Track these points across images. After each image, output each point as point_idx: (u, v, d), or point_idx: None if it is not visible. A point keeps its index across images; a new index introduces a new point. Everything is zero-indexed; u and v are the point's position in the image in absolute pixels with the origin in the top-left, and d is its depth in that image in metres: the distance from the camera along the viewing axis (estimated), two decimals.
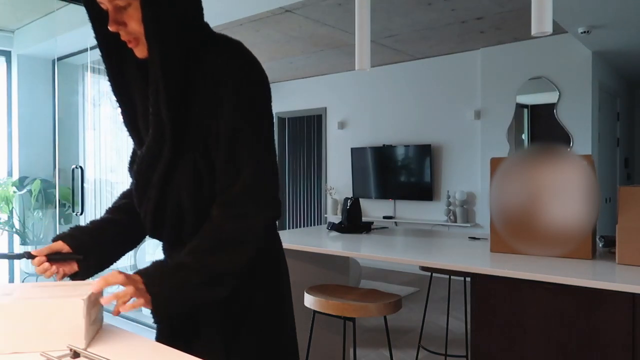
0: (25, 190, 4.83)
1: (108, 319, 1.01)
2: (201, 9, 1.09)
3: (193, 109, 1.04)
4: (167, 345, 0.92)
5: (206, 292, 1.00)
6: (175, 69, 1.01)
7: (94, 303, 0.95)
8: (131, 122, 1.14)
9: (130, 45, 1.04)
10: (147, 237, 1.24)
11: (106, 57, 1.11)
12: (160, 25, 0.99)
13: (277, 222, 1.20)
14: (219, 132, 1.03)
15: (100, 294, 0.97)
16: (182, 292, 0.98)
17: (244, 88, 1.03)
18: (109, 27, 1.01)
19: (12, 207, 4.86)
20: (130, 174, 1.22)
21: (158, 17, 0.99)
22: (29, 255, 1.09)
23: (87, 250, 1.14)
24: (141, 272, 0.98)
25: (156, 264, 1.02)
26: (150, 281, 0.96)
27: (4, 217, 4.84)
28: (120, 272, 0.95)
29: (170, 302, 0.97)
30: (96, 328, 0.97)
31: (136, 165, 1.11)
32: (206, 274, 0.99)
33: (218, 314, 1.09)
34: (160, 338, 1.17)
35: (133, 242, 1.25)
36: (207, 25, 1.12)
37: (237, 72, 1.03)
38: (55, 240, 1.14)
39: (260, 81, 1.07)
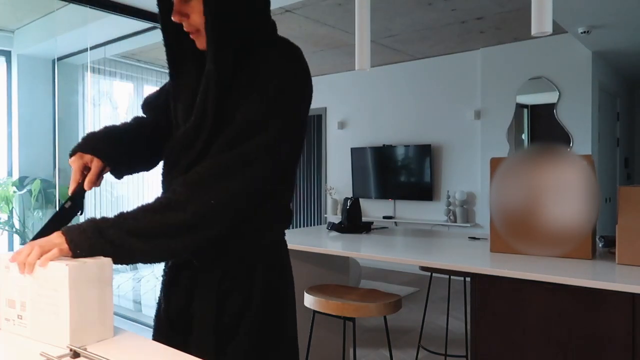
0: (25, 190, 4.83)
1: None
2: (269, 8, 1.11)
3: (235, 105, 1.04)
4: (164, 341, 0.91)
5: (128, 241, 0.92)
6: (228, 66, 1.02)
7: (98, 293, 0.89)
8: (174, 94, 1.15)
9: (192, 37, 1.07)
10: None
11: (169, 44, 1.13)
12: (218, 20, 1.00)
13: (284, 228, 1.19)
14: (235, 114, 1.01)
15: (108, 289, 0.91)
16: (103, 234, 0.91)
17: (277, 84, 1.01)
18: (172, 18, 1.03)
19: (12, 207, 4.86)
20: (145, 111, 1.27)
21: (217, 13, 1.00)
22: (66, 205, 1.06)
23: (109, 157, 1.13)
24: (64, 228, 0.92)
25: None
26: (70, 228, 0.91)
27: (4, 217, 4.84)
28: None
29: (89, 239, 0.89)
30: (96, 330, 0.90)
31: (168, 147, 1.12)
32: (135, 224, 0.93)
33: (213, 313, 1.08)
34: (156, 334, 1.16)
35: (154, 150, 1.22)
36: (273, 23, 1.13)
37: (282, 73, 1.02)
38: (74, 153, 1.11)
39: (302, 91, 1.06)
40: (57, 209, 1.06)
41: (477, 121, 5.72)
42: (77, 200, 1.08)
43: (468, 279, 2.40)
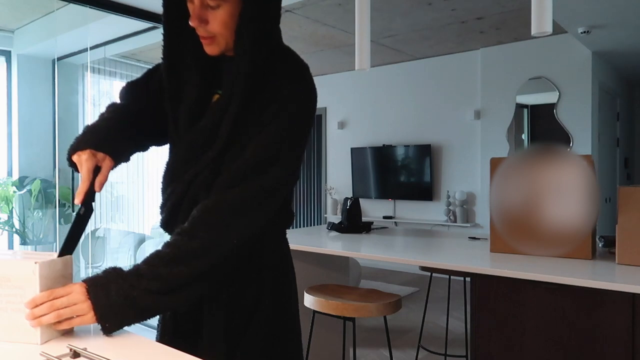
0: (25, 190, 4.83)
1: None
2: (280, 14, 1.12)
3: (250, 109, 1.05)
4: (170, 345, 0.90)
5: (160, 301, 0.93)
6: (254, 76, 1.04)
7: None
8: (173, 98, 1.14)
9: (204, 42, 1.06)
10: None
11: (168, 41, 1.12)
12: (253, 31, 1.02)
13: (285, 229, 1.21)
14: (250, 139, 1.03)
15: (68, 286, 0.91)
16: (129, 301, 0.90)
17: (291, 115, 1.04)
18: (190, 22, 1.03)
19: (12, 207, 4.86)
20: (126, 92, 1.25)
21: (254, 23, 1.02)
22: (81, 210, 1.02)
23: (112, 149, 1.11)
24: (87, 282, 0.90)
25: (108, 271, 0.93)
26: (96, 293, 0.89)
27: (4, 217, 4.84)
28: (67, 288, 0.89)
29: (118, 312, 0.89)
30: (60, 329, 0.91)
31: (179, 151, 1.11)
32: (158, 284, 0.92)
33: (222, 317, 1.08)
34: (162, 338, 1.16)
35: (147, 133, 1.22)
36: (279, 31, 1.15)
37: (295, 99, 1.05)
38: (74, 152, 1.08)
39: (313, 113, 1.09)
40: (74, 217, 1.01)
41: (477, 121, 5.72)
42: (89, 204, 1.02)
43: (468, 279, 2.40)
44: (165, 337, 1.15)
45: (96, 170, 1.05)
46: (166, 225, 1.14)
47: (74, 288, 0.89)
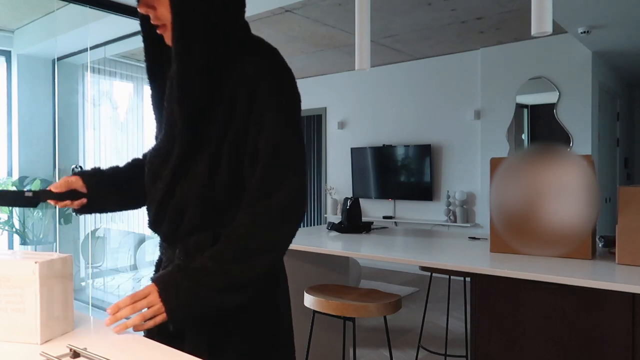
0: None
1: (106, 317, 1.01)
2: (243, 6, 1.07)
3: (216, 110, 1.02)
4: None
5: (225, 299, 0.98)
6: (196, 64, 0.99)
7: (61, 292, 0.93)
8: (156, 104, 1.14)
9: (159, 31, 1.04)
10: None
11: (147, 42, 1.11)
12: (187, 15, 0.96)
13: None
14: (257, 144, 1.00)
15: (70, 282, 0.95)
16: (200, 299, 0.96)
17: (286, 104, 1.03)
18: (138, 8, 1.01)
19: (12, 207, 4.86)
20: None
21: (187, 7, 0.96)
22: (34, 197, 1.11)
23: (92, 195, 1.18)
24: (158, 284, 0.97)
25: (172, 272, 0.99)
26: (167, 294, 0.95)
27: (4, 217, 4.84)
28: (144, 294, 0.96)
29: (189, 312, 0.97)
30: (61, 324, 0.93)
31: (149, 156, 1.12)
32: (227, 281, 0.98)
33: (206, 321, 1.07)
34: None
35: (135, 203, 1.26)
36: (246, 25, 1.09)
37: (277, 84, 1.01)
38: (76, 174, 1.18)
39: (298, 97, 1.07)
40: (18, 190, 1.11)
41: (477, 121, 5.72)
42: (37, 198, 1.11)
43: (468, 279, 2.40)
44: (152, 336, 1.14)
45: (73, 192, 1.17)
46: (154, 224, 1.14)
47: (150, 289, 0.96)
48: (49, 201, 1.12)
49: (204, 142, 1.03)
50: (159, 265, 1.20)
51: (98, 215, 5.13)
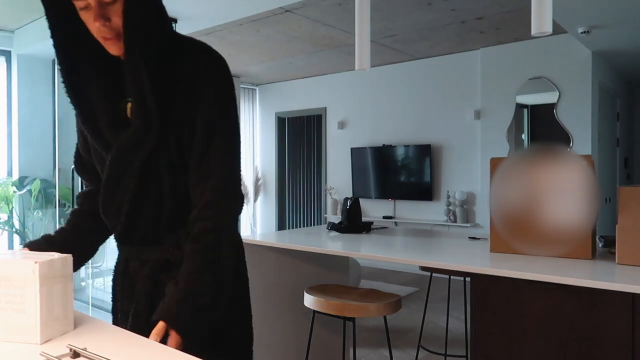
0: (25, 190, 4.83)
1: (106, 317, 1.01)
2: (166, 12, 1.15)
3: (173, 101, 1.08)
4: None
5: (218, 303, 1.07)
6: (156, 60, 1.07)
7: (61, 291, 0.93)
8: (88, 119, 1.13)
9: (109, 42, 1.06)
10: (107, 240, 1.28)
11: (63, 55, 1.11)
12: (143, 17, 1.04)
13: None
14: (194, 129, 1.09)
15: (69, 280, 0.96)
16: (204, 317, 1.05)
17: (221, 89, 1.11)
18: (94, 22, 1.02)
19: (12, 207, 4.86)
20: (81, 174, 1.26)
21: (141, 10, 1.04)
22: None
23: None
24: (172, 324, 1.01)
25: (178, 305, 1.04)
26: (184, 329, 1.01)
27: (4, 217, 4.84)
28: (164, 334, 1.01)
29: (199, 332, 1.04)
30: (61, 324, 0.93)
31: (111, 156, 1.11)
32: (215, 290, 1.05)
33: (146, 305, 1.14)
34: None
35: (96, 247, 1.28)
36: (170, 21, 1.18)
37: (214, 73, 1.11)
38: (25, 246, 1.17)
39: (232, 84, 1.15)
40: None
41: (477, 121, 5.72)
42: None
43: (468, 279, 2.40)
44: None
45: None
46: (126, 236, 1.16)
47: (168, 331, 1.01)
48: None
49: (168, 134, 1.09)
50: (123, 267, 1.21)
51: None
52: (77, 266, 1.21)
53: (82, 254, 1.23)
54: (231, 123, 1.13)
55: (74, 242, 1.22)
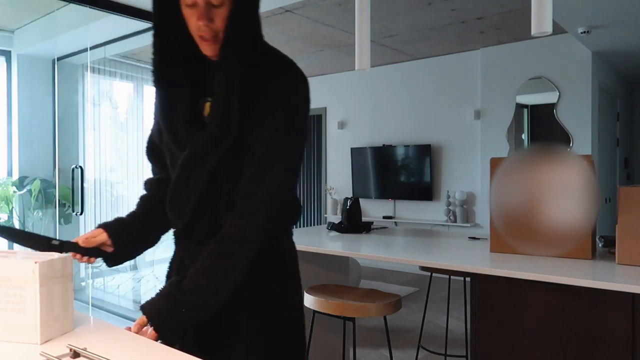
0: (25, 190, 4.83)
1: (106, 317, 1.01)
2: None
3: (250, 109, 1.09)
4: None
5: (208, 306, 1.07)
6: (246, 65, 1.09)
7: (61, 291, 0.93)
8: (166, 113, 1.16)
9: (205, 43, 1.09)
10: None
11: (159, 47, 1.14)
12: (246, 23, 1.09)
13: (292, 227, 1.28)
14: (260, 140, 1.09)
15: (69, 280, 0.98)
16: (179, 316, 1.04)
17: (295, 109, 1.11)
18: (197, 21, 1.06)
19: (12, 207, 4.86)
20: (151, 160, 1.29)
21: (245, 16, 1.08)
22: (61, 247, 1.13)
23: (119, 247, 1.21)
24: (148, 317, 1.04)
25: (161, 299, 1.07)
26: (153, 319, 1.03)
27: (4, 217, 4.84)
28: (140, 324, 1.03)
29: (173, 328, 1.04)
30: (61, 324, 0.93)
31: (184, 156, 1.13)
32: (210, 293, 1.06)
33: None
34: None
35: (160, 237, 1.31)
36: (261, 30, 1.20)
37: (292, 90, 1.12)
38: (100, 226, 1.21)
39: (308, 105, 1.16)
40: (47, 237, 1.13)
41: (477, 121, 5.72)
42: (62, 248, 1.13)
43: (468, 279, 2.40)
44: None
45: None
46: (184, 235, 1.18)
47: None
48: (71, 253, 1.14)
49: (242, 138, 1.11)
50: (178, 265, 1.23)
51: (98, 215, 5.13)
52: (139, 253, 1.27)
53: (149, 241, 1.27)
54: (296, 145, 1.12)
55: (145, 227, 1.25)
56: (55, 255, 0.94)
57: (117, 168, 5.18)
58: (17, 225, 4.89)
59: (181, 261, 1.23)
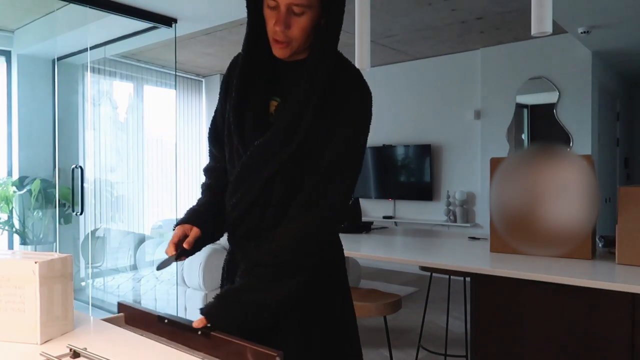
0: (25, 190, 4.83)
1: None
2: None
3: (320, 116, 1.13)
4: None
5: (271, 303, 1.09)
6: (328, 79, 1.13)
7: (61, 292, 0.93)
8: (237, 108, 1.19)
9: (278, 46, 1.13)
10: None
11: (248, 45, 1.18)
12: (334, 37, 1.15)
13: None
14: (324, 151, 1.12)
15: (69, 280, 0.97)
16: (245, 310, 1.06)
17: (360, 122, 1.16)
18: (274, 26, 1.09)
19: (12, 207, 4.86)
20: (212, 145, 1.31)
21: (335, 30, 1.14)
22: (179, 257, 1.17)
23: (207, 236, 1.24)
24: (208, 319, 1.02)
25: (217, 300, 1.07)
26: (214, 324, 1.01)
27: (4, 217, 4.84)
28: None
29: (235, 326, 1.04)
30: (61, 324, 0.93)
31: (245, 157, 1.16)
32: (274, 287, 1.09)
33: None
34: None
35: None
36: None
37: (364, 108, 1.17)
38: (181, 223, 1.22)
39: (370, 117, 1.20)
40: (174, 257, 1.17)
41: (477, 121, 5.72)
42: (178, 257, 1.18)
43: (468, 279, 2.40)
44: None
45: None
46: (240, 220, 1.20)
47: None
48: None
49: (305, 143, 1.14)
50: (230, 258, 1.27)
51: (98, 215, 5.13)
52: (212, 240, 1.28)
53: (220, 229, 1.28)
54: (359, 163, 1.17)
55: (216, 216, 1.26)
56: (55, 255, 0.94)
57: (117, 168, 5.18)
58: (17, 225, 4.89)
59: (232, 254, 1.27)
